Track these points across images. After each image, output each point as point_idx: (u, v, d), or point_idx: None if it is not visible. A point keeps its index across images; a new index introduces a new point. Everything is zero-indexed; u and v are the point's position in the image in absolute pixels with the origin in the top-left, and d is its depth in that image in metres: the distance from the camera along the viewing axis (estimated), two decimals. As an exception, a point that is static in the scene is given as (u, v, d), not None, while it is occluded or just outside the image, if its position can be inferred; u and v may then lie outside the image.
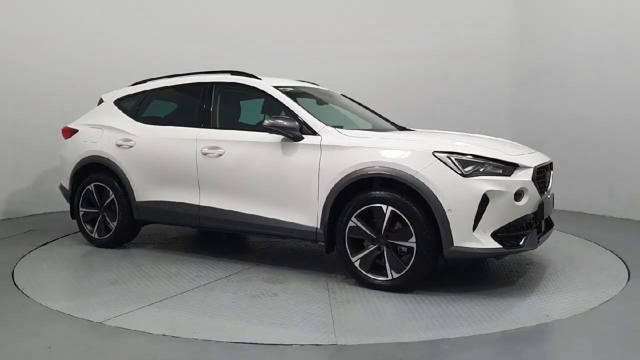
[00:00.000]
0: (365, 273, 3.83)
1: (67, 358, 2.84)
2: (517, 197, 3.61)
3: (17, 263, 4.55)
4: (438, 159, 3.62)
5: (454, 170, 3.57)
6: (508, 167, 3.65)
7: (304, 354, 2.84)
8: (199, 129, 4.58)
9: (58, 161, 5.61)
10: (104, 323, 3.23)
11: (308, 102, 4.69)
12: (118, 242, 5.05)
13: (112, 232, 4.99)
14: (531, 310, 3.47)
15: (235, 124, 4.76)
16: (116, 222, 4.96)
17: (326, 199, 3.91)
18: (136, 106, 5.14)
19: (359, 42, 8.00)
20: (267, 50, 7.63)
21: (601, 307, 3.53)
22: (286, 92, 4.45)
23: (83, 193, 5.13)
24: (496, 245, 3.54)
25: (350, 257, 3.87)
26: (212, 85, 4.75)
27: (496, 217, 3.55)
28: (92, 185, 5.07)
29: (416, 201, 3.63)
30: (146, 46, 7.18)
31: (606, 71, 6.67)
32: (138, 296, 3.73)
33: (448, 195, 3.54)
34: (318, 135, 4.05)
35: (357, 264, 3.85)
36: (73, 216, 5.26)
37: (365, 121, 5.04)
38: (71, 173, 5.22)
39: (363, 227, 3.80)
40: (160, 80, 5.20)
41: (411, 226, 3.62)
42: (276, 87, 4.48)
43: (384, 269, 3.76)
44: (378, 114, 5.34)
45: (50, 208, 6.71)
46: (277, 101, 4.37)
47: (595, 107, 6.80)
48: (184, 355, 2.85)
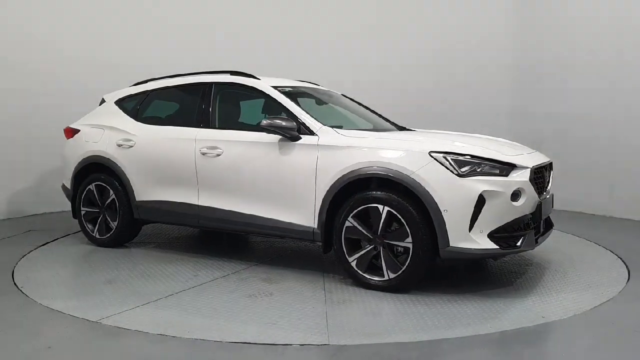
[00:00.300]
0: (361, 273, 3.83)
1: (67, 358, 2.85)
2: (514, 198, 3.59)
3: (17, 263, 4.57)
4: (434, 159, 3.61)
5: (450, 170, 3.56)
6: (505, 168, 3.64)
7: (304, 354, 2.84)
8: (198, 129, 4.60)
9: (58, 161, 5.64)
10: (99, 322, 3.24)
11: (307, 102, 4.69)
12: (119, 242, 5.08)
13: (113, 232, 5.02)
14: (530, 310, 3.45)
15: (234, 124, 4.76)
16: (117, 222, 4.99)
17: (323, 199, 3.92)
18: (137, 106, 5.17)
19: (359, 42, 8.00)
20: (268, 50, 7.66)
21: (601, 307, 3.52)
22: (285, 92, 4.46)
23: (84, 193, 5.16)
24: (493, 245, 3.53)
25: (347, 257, 3.87)
26: (212, 85, 4.76)
27: (493, 218, 3.54)
28: (93, 184, 5.11)
29: (412, 201, 3.63)
30: (147, 46, 7.21)
31: (606, 71, 6.66)
32: (134, 295, 3.74)
33: (444, 195, 3.53)
34: (315, 135, 4.05)
35: (354, 264, 3.85)
36: (75, 216, 5.29)
37: (365, 121, 5.04)
38: (73, 173, 5.26)
39: (360, 227, 3.80)
40: (161, 80, 5.22)
41: (407, 226, 3.61)
42: (275, 87, 4.48)
43: (381, 269, 3.75)
44: (378, 114, 5.34)
45: (50, 208, 6.74)
46: (275, 101, 4.37)
47: (595, 107, 6.78)
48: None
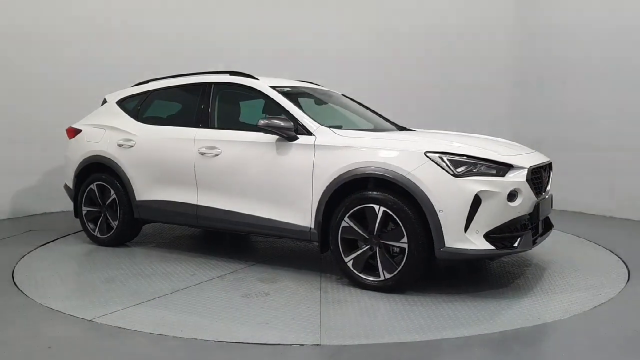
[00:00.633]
0: (357, 273, 3.83)
1: (67, 358, 2.86)
2: (511, 198, 3.57)
3: (17, 263, 4.59)
4: (430, 159, 3.60)
5: (446, 170, 3.55)
6: (501, 168, 3.62)
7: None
8: (197, 129, 4.61)
9: (59, 161, 5.67)
10: (99, 322, 3.26)
11: (306, 102, 4.70)
12: (119, 241, 5.12)
13: (114, 231, 5.06)
14: (529, 311, 3.44)
15: (232, 124, 4.76)
16: (117, 221, 5.02)
17: (320, 199, 3.92)
18: (137, 106, 5.20)
19: (360, 43, 7.98)
20: (269, 50, 7.65)
21: (601, 307, 3.51)
22: (283, 92, 4.47)
23: (86, 192, 5.20)
24: (489, 246, 3.51)
25: (343, 257, 3.87)
26: (211, 85, 4.78)
27: (489, 218, 3.52)
28: (95, 184, 5.14)
29: (408, 201, 3.62)
30: (149, 46, 7.22)
31: (606, 71, 6.63)
32: (131, 294, 3.76)
33: (440, 195, 3.52)
34: (312, 135, 4.06)
35: (350, 264, 3.85)
36: (77, 215, 5.32)
37: (365, 121, 5.04)
38: (75, 172, 5.29)
39: (356, 228, 3.80)
40: (162, 80, 5.25)
41: (403, 226, 3.61)
42: (273, 87, 4.49)
43: (377, 270, 3.75)
44: (378, 114, 5.34)
45: (50, 208, 6.77)
46: (273, 101, 4.38)
47: (595, 107, 6.76)
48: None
